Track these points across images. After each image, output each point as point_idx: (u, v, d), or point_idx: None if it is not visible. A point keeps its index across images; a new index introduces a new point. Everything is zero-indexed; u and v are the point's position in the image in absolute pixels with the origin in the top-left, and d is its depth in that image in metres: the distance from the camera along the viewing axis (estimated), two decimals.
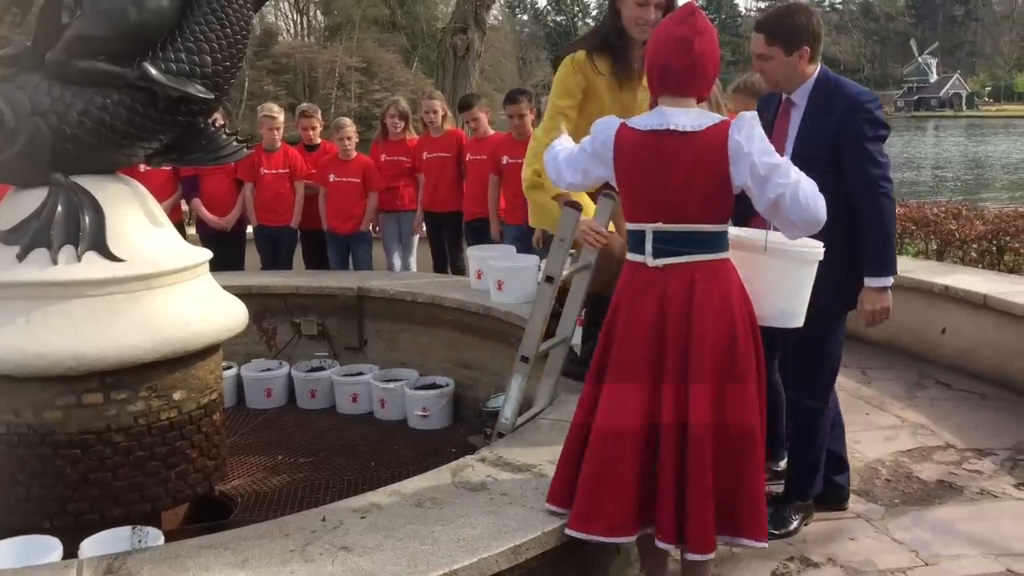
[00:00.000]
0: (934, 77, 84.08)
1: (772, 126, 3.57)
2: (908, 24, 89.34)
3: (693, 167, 2.79)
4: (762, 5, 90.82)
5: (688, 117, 2.82)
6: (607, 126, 2.98)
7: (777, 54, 3.45)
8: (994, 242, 6.81)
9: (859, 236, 3.41)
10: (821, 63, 3.52)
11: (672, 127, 2.81)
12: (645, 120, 2.89)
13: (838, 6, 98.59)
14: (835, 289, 3.40)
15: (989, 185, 28.63)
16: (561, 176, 3.15)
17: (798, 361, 3.64)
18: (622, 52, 3.90)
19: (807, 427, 3.65)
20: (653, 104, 2.93)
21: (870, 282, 3.42)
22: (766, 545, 2.88)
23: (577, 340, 4.12)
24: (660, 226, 2.84)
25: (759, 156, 2.76)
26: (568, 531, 2.79)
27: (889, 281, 3.43)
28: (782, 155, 3.47)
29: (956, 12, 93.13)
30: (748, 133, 2.77)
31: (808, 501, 3.72)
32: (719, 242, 2.86)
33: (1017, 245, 6.65)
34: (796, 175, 2.78)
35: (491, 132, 7.00)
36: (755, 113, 2.85)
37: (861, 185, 3.37)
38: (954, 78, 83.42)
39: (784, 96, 3.56)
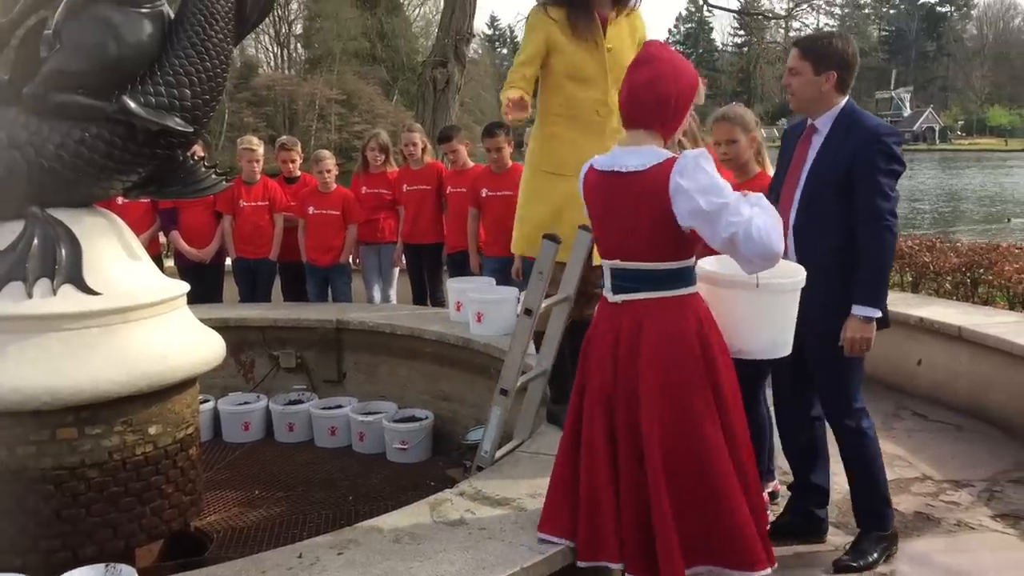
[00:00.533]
0: (907, 111, 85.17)
1: (794, 151, 3.64)
2: (881, 59, 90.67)
3: (636, 208, 2.81)
4: (739, 40, 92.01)
5: (636, 157, 2.84)
6: (584, 168, 3.04)
7: (806, 70, 3.53)
8: (968, 274, 6.87)
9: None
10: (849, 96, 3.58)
11: (618, 168, 2.85)
12: (603, 160, 2.95)
13: None
14: (845, 314, 3.44)
15: (964, 217, 28.95)
16: None
17: (825, 390, 3.63)
18: None
19: (855, 450, 3.60)
20: None
21: (857, 310, 3.45)
22: (768, 571, 2.86)
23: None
24: (617, 263, 2.90)
25: (704, 196, 2.71)
26: (580, 563, 2.85)
27: (876, 313, 3.45)
28: (799, 178, 3.53)
29: (928, 48, 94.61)
30: (692, 174, 2.73)
31: (889, 531, 3.63)
32: (673, 279, 2.87)
33: (990, 277, 6.71)
34: (749, 210, 2.73)
35: (471, 164, 7.03)
36: (703, 150, 2.85)
37: (868, 216, 3.42)
38: (927, 112, 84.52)
39: (809, 122, 3.63)
